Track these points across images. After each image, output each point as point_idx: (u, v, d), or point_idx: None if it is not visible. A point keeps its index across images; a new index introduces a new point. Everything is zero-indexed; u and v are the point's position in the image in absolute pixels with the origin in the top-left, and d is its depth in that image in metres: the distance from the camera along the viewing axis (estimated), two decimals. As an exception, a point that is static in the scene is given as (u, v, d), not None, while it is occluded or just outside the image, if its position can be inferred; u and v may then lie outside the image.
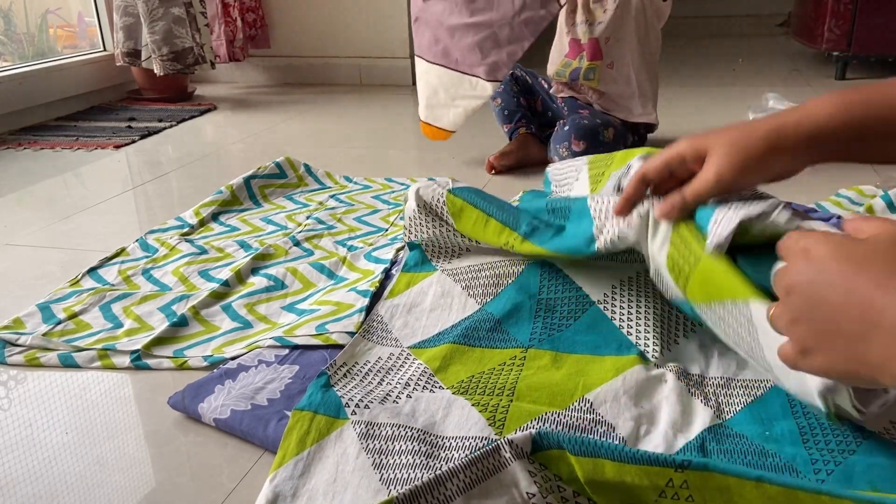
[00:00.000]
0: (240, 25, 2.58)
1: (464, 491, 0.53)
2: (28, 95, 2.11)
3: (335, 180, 1.47)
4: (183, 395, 0.74)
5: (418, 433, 0.64)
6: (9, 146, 1.89)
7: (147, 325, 0.91)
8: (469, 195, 0.94)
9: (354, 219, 1.25)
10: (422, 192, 0.97)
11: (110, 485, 0.64)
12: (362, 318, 0.86)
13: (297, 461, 0.62)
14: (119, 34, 2.30)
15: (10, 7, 2.34)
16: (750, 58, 2.84)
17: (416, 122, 2.14)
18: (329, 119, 2.14)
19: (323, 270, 1.03)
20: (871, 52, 2.28)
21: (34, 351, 0.86)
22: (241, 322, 0.91)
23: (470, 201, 0.93)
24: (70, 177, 1.64)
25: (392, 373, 0.75)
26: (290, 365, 0.78)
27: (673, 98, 2.03)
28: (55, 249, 1.19)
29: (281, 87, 2.71)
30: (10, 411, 0.76)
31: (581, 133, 1.43)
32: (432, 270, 0.94)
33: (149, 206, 1.41)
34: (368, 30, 2.62)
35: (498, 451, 0.55)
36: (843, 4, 2.25)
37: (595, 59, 1.51)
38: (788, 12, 2.83)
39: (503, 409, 0.67)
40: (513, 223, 0.88)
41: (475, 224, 0.91)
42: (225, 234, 1.21)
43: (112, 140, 1.92)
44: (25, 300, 0.99)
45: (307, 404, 0.68)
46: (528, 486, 0.54)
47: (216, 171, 1.63)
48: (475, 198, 0.93)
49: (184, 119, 2.16)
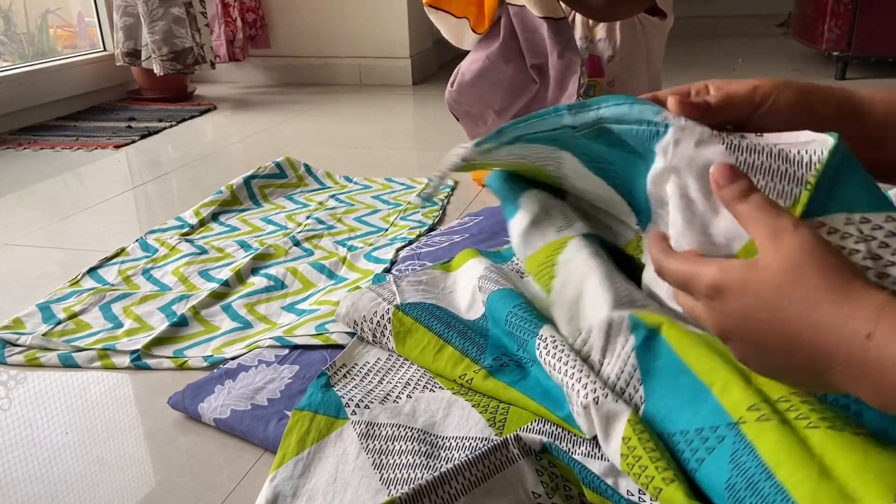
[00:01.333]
0: (240, 25, 2.58)
1: (468, 490, 0.53)
2: (28, 95, 2.11)
3: (335, 180, 1.47)
4: (183, 395, 0.74)
5: (418, 433, 0.64)
6: (9, 146, 1.89)
7: (147, 325, 0.90)
8: (422, 314, 0.78)
9: (354, 219, 1.25)
10: (360, 303, 0.82)
11: (110, 485, 0.64)
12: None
13: (297, 461, 0.62)
14: (119, 34, 2.30)
15: (10, 7, 2.34)
16: (750, 58, 2.83)
17: (416, 122, 2.14)
18: (329, 119, 2.14)
19: (323, 270, 1.03)
20: (872, 52, 2.28)
21: (34, 351, 0.86)
22: (241, 322, 0.91)
23: (423, 322, 0.77)
24: (70, 177, 1.64)
25: (392, 373, 0.75)
26: (290, 365, 0.78)
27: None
28: (55, 249, 1.19)
29: (281, 87, 2.71)
30: (10, 411, 0.76)
31: None
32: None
33: (149, 206, 1.41)
34: (368, 30, 2.62)
35: (505, 446, 0.55)
36: (843, 4, 2.25)
37: (595, 76, 1.51)
38: (788, 12, 2.82)
39: (503, 410, 0.67)
40: (475, 354, 0.72)
41: (424, 350, 0.75)
42: (225, 234, 1.21)
43: (112, 140, 1.92)
44: (25, 300, 0.99)
45: (307, 404, 0.68)
46: (535, 485, 0.54)
47: (216, 171, 1.63)
48: (430, 318, 0.78)
49: (184, 119, 2.15)
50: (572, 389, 0.59)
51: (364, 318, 0.80)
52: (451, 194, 1.37)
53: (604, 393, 0.57)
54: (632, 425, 0.54)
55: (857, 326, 0.38)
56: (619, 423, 0.54)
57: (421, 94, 2.48)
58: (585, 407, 0.57)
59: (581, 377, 0.59)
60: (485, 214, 1.20)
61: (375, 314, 0.79)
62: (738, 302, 0.43)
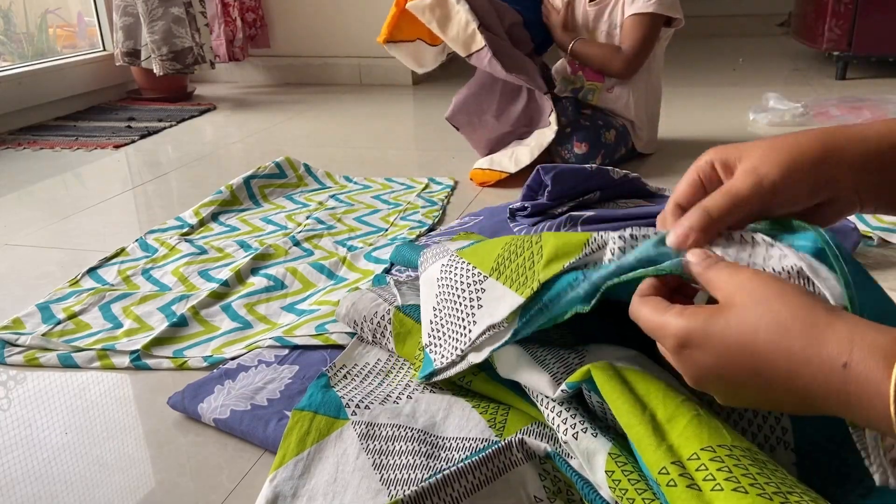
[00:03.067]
0: (239, 25, 2.58)
1: (471, 492, 0.53)
2: (27, 95, 2.11)
3: (335, 180, 1.47)
4: (183, 395, 0.74)
5: (418, 434, 0.64)
6: (8, 146, 1.89)
7: (147, 326, 0.90)
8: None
9: (354, 219, 1.25)
10: (360, 303, 0.81)
11: (110, 485, 0.64)
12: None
13: (297, 461, 0.61)
14: (118, 34, 2.30)
15: (9, 7, 2.33)
16: (750, 58, 2.83)
17: (416, 122, 2.14)
18: (329, 119, 2.14)
19: (323, 270, 1.03)
20: (872, 51, 2.28)
21: (34, 351, 0.86)
22: (241, 322, 0.91)
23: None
24: (70, 177, 1.63)
25: (392, 374, 0.75)
26: (289, 365, 0.78)
27: (673, 98, 2.02)
28: (55, 249, 1.19)
29: (281, 87, 2.71)
30: (10, 411, 0.76)
31: (582, 136, 1.43)
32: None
33: (148, 206, 1.41)
34: (368, 30, 2.61)
35: (509, 449, 0.55)
36: (843, 4, 2.25)
37: (594, 81, 1.52)
38: (789, 12, 2.82)
39: (504, 411, 0.66)
40: None
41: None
42: (225, 234, 1.21)
43: (112, 140, 1.92)
44: (25, 300, 0.99)
45: (307, 404, 0.68)
46: (537, 489, 0.54)
47: (216, 171, 1.63)
48: None
49: (183, 119, 2.15)
50: (553, 423, 0.58)
51: (364, 319, 0.80)
52: (451, 194, 1.37)
53: (583, 428, 0.55)
54: (614, 458, 0.52)
55: (831, 355, 0.36)
56: (599, 458, 0.53)
57: (421, 94, 2.48)
58: (566, 442, 0.56)
59: (561, 410, 0.57)
60: (485, 214, 1.20)
61: (376, 314, 0.79)
62: (706, 352, 0.42)
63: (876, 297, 0.45)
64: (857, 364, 0.35)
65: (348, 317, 0.82)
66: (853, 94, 2.05)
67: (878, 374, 0.35)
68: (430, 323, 0.70)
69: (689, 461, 0.47)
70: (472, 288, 0.65)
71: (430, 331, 0.70)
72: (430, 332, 0.70)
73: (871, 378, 0.35)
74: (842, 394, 0.36)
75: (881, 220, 1.10)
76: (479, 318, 0.63)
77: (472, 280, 0.66)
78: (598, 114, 1.52)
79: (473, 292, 0.65)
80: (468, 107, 1.51)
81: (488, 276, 0.65)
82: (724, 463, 0.45)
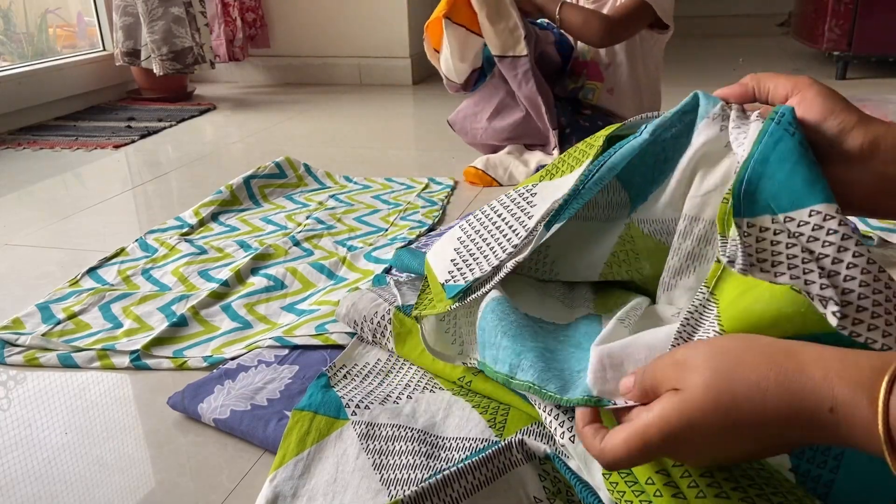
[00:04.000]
0: (239, 25, 2.58)
1: (471, 493, 0.53)
2: (27, 95, 2.11)
3: (335, 180, 1.47)
4: (182, 395, 0.74)
5: (418, 434, 0.64)
6: (8, 146, 1.89)
7: (146, 326, 0.90)
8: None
9: (354, 219, 1.25)
10: (360, 303, 0.81)
11: (110, 485, 0.64)
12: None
13: (297, 461, 0.61)
14: (118, 34, 2.30)
15: (9, 7, 2.33)
16: (750, 58, 2.83)
17: (416, 122, 2.14)
18: (329, 119, 2.14)
19: (323, 270, 1.03)
20: (872, 51, 2.28)
21: (33, 351, 0.86)
22: (241, 322, 0.91)
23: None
24: (69, 177, 1.63)
25: (392, 374, 0.75)
26: (289, 365, 0.78)
27: (673, 98, 2.02)
28: (55, 249, 1.19)
29: (281, 86, 2.71)
30: (10, 411, 0.76)
31: (581, 136, 1.43)
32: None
33: (148, 206, 1.41)
34: (368, 30, 2.62)
35: (509, 449, 0.55)
36: (843, 4, 2.25)
37: (595, 80, 1.52)
38: (788, 12, 2.82)
39: (504, 411, 0.66)
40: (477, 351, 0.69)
41: (424, 352, 0.73)
42: (224, 234, 1.21)
43: (111, 140, 1.91)
44: (25, 300, 0.99)
45: (307, 404, 0.68)
46: (537, 490, 0.54)
47: (216, 171, 1.63)
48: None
49: (183, 119, 2.15)
50: (550, 426, 0.58)
51: (364, 318, 0.80)
52: (451, 194, 1.37)
53: None
54: None
55: (816, 400, 0.37)
56: (595, 462, 0.53)
57: (421, 94, 2.48)
58: (563, 446, 0.56)
59: (558, 413, 0.57)
60: (485, 214, 1.20)
61: (376, 314, 0.79)
62: (688, 442, 0.41)
63: (796, 176, 0.47)
64: (842, 407, 0.36)
65: (348, 317, 0.82)
66: (853, 94, 2.05)
67: (864, 412, 0.35)
68: (451, 262, 0.72)
69: (673, 468, 0.47)
70: (522, 198, 0.70)
71: (453, 265, 0.71)
72: (451, 269, 0.71)
73: (859, 417, 0.35)
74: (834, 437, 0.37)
75: (881, 220, 1.10)
76: (535, 213, 0.66)
77: (518, 194, 0.70)
78: (597, 114, 1.52)
79: (523, 201, 0.69)
80: (466, 109, 1.54)
81: (537, 183, 0.69)
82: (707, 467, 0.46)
